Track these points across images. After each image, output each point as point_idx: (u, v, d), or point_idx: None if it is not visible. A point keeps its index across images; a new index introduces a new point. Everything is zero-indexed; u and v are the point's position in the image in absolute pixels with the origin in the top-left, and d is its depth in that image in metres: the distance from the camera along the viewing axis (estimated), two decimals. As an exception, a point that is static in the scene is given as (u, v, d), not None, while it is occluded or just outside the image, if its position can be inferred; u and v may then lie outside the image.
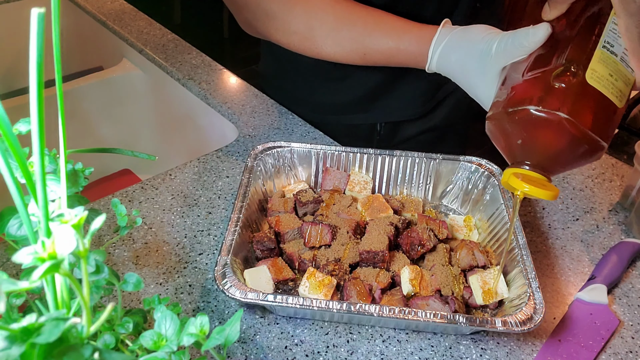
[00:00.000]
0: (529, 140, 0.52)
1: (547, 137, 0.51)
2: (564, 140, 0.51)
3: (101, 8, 1.26)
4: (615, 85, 0.52)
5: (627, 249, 0.68)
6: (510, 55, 0.57)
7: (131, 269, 0.63)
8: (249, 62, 3.22)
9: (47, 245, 0.24)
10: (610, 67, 0.52)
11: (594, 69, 0.52)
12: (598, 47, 0.52)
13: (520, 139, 0.53)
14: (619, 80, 0.52)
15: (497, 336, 0.58)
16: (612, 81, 0.52)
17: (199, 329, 0.34)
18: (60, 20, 0.26)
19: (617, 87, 0.52)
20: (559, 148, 0.52)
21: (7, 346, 0.22)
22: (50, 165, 0.41)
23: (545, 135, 0.51)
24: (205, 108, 0.99)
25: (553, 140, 0.51)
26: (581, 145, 0.51)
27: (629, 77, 0.53)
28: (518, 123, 0.52)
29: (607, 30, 0.53)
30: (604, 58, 0.52)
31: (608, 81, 0.52)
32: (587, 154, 0.52)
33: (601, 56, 0.52)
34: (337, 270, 0.62)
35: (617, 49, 0.53)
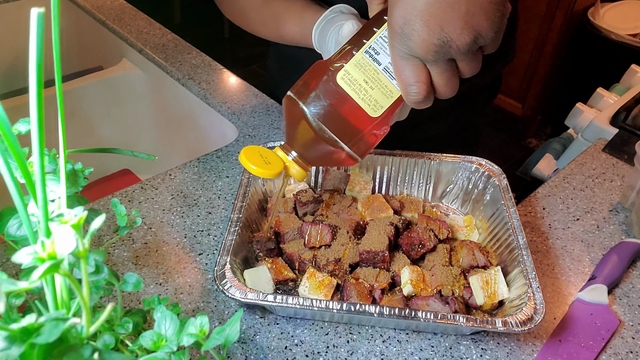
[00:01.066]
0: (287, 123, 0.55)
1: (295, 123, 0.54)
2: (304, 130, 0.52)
3: (101, 8, 1.26)
4: (369, 93, 0.52)
5: (628, 249, 0.68)
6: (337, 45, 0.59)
7: (131, 269, 0.63)
8: (249, 62, 3.22)
9: (47, 246, 0.24)
10: (368, 73, 0.52)
11: (347, 71, 0.52)
12: (360, 51, 0.52)
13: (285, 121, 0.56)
14: (375, 89, 0.52)
15: (497, 336, 0.58)
16: (365, 88, 0.52)
17: (198, 329, 0.34)
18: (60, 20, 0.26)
19: (371, 95, 0.52)
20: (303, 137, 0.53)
21: (7, 346, 0.22)
22: (50, 165, 0.41)
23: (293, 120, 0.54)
24: (205, 108, 0.99)
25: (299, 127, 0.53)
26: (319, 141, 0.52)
27: (392, 89, 0.52)
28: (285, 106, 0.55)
29: (378, 37, 0.53)
30: (362, 63, 0.52)
31: (361, 87, 0.52)
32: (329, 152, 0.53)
33: (360, 61, 0.52)
34: (337, 270, 0.62)
35: (383, 59, 0.52)
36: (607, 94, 1.31)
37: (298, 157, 0.55)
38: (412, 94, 0.50)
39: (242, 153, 0.54)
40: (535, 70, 2.48)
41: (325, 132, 0.52)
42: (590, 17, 2.30)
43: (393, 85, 0.52)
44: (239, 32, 0.87)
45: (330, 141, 0.52)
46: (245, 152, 0.54)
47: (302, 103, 0.52)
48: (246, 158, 0.53)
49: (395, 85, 0.52)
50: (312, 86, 0.52)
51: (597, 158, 0.89)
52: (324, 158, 0.55)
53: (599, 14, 2.33)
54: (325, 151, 0.53)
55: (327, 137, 0.52)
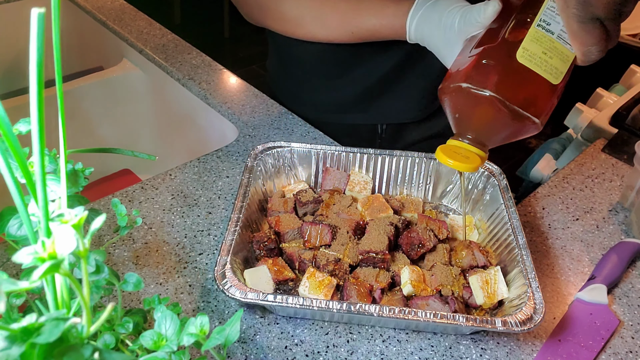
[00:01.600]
0: (464, 115, 0.56)
1: (476, 112, 0.54)
2: (492, 116, 0.53)
3: (101, 8, 1.26)
4: (549, 62, 0.53)
5: (627, 249, 0.68)
6: (467, 29, 0.59)
7: (131, 269, 0.63)
8: (249, 62, 3.23)
9: (47, 245, 0.24)
10: (545, 45, 0.53)
11: (525, 48, 0.53)
12: (532, 26, 0.54)
13: (457, 113, 0.56)
14: (554, 58, 0.53)
15: (497, 336, 0.58)
16: (545, 59, 0.53)
17: (199, 329, 0.34)
18: (60, 20, 0.26)
19: (551, 65, 0.53)
20: (491, 123, 0.54)
21: (7, 346, 0.22)
22: (50, 165, 0.41)
23: (474, 110, 0.54)
24: (205, 108, 0.99)
25: (482, 115, 0.54)
26: (512, 121, 0.53)
27: (567, 53, 0.54)
28: (454, 98, 0.55)
29: (545, 9, 0.54)
30: (538, 36, 0.53)
31: (541, 59, 0.53)
32: (520, 129, 0.54)
33: (535, 35, 0.53)
34: (337, 270, 0.62)
35: (554, 27, 0.54)
36: (606, 94, 1.31)
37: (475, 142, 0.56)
38: (594, 53, 0.52)
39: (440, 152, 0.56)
40: (535, 70, 2.48)
41: (518, 113, 0.52)
42: (590, 17, 2.30)
43: (567, 50, 0.54)
44: (239, 32, 0.87)
45: (521, 118, 0.53)
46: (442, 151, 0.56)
47: (489, 91, 0.52)
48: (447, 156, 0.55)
49: (569, 48, 0.54)
50: (492, 72, 0.53)
51: (596, 158, 0.89)
52: (508, 135, 0.56)
53: (599, 14, 2.33)
54: (512, 128, 0.54)
55: (517, 114, 0.53)
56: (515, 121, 0.53)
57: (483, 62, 0.54)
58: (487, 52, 0.55)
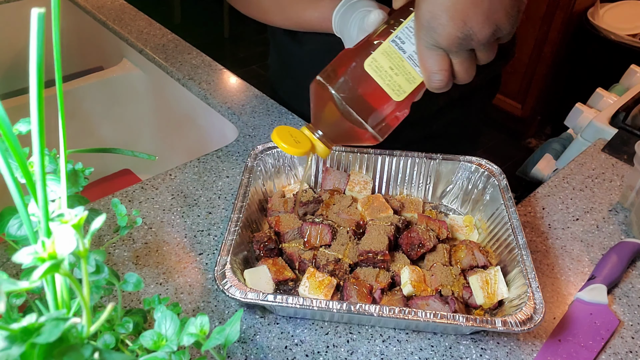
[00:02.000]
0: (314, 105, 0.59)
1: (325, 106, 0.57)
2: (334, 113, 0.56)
3: (101, 8, 1.26)
4: (393, 79, 0.56)
5: (627, 249, 0.68)
6: (359, 34, 0.63)
7: (131, 269, 0.63)
8: (249, 62, 3.22)
9: (47, 245, 0.24)
10: (393, 61, 0.56)
11: (374, 58, 0.55)
12: (387, 40, 0.56)
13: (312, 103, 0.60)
14: (399, 75, 0.56)
15: (497, 336, 0.58)
16: (391, 74, 0.55)
17: (199, 329, 0.34)
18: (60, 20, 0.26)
19: (395, 81, 0.56)
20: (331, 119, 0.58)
21: (7, 346, 0.22)
22: (50, 165, 0.41)
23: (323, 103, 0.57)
24: (205, 108, 0.99)
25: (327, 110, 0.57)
26: (348, 122, 0.56)
27: (415, 75, 0.56)
28: (312, 88, 0.58)
29: (403, 27, 0.56)
30: (389, 51, 0.56)
31: (386, 73, 0.55)
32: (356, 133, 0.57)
33: (387, 49, 0.56)
34: (337, 270, 0.62)
35: (407, 47, 0.56)
36: (606, 94, 1.31)
37: (323, 136, 0.59)
38: (435, 81, 0.54)
39: (274, 132, 0.59)
40: (535, 70, 2.48)
41: (352, 115, 0.56)
42: (590, 17, 2.30)
43: (416, 72, 0.56)
44: (239, 32, 0.88)
45: (355, 122, 0.56)
46: (277, 132, 0.59)
47: (331, 87, 0.55)
48: (278, 137, 0.58)
49: (418, 71, 0.56)
50: (340, 72, 0.56)
51: (596, 158, 0.89)
52: (347, 137, 0.59)
53: (599, 14, 2.33)
54: (350, 131, 0.57)
55: (353, 118, 0.56)
56: (353, 125, 0.56)
57: (337, 62, 0.57)
58: (344, 54, 0.58)
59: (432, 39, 0.51)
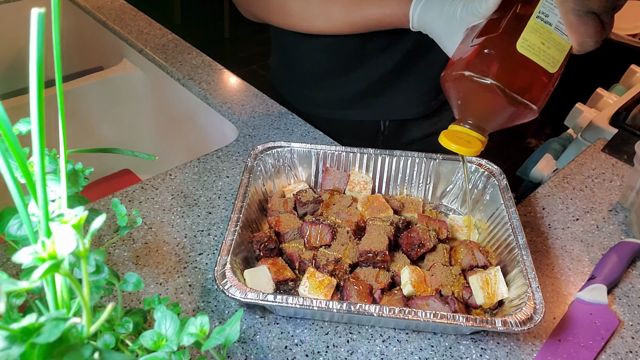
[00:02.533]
0: (466, 101, 0.58)
1: (477, 98, 0.57)
2: (492, 102, 0.56)
3: (101, 8, 1.26)
4: (546, 52, 0.56)
5: (627, 249, 0.68)
6: (469, 19, 0.61)
7: (131, 269, 0.63)
8: (249, 62, 3.22)
9: (47, 245, 0.24)
10: (543, 36, 0.56)
11: (525, 38, 0.56)
12: (532, 17, 0.57)
13: (460, 100, 0.59)
14: (551, 48, 0.56)
15: (497, 336, 0.58)
16: (543, 49, 0.56)
17: (199, 329, 0.34)
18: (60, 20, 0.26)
19: (549, 54, 0.56)
20: (491, 109, 0.57)
21: (7, 346, 0.22)
22: (50, 165, 0.41)
23: (477, 97, 0.57)
24: (205, 108, 0.99)
25: (484, 102, 0.57)
26: (510, 108, 0.56)
27: (564, 44, 0.57)
28: (457, 85, 0.58)
29: (544, 1, 0.57)
30: (537, 28, 0.56)
31: (539, 49, 0.56)
32: (518, 115, 0.57)
33: (534, 26, 0.56)
34: (337, 270, 0.62)
35: (552, 19, 0.57)
36: (606, 94, 1.31)
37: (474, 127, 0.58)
38: (590, 44, 0.55)
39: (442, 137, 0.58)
40: (535, 70, 2.48)
41: (517, 99, 0.55)
42: (590, 17, 2.30)
43: (564, 40, 0.57)
44: (239, 32, 0.86)
45: (519, 104, 0.56)
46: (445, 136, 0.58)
47: (488, 79, 0.55)
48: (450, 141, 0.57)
49: (566, 39, 0.57)
50: (493, 61, 0.56)
51: (596, 158, 0.89)
52: (507, 120, 0.59)
53: (599, 14, 2.33)
54: (511, 114, 0.57)
55: (515, 101, 0.55)
56: (514, 107, 0.56)
57: (485, 52, 0.56)
58: (489, 41, 0.57)
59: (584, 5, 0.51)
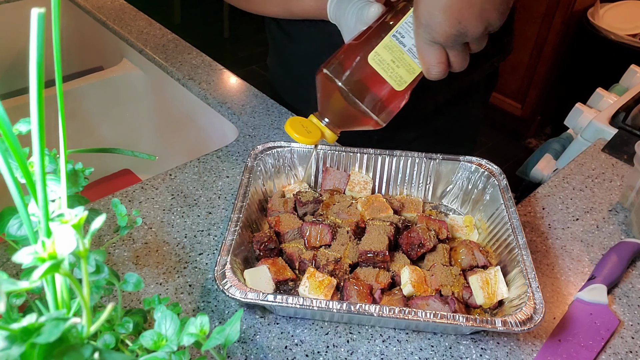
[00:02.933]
0: (322, 96, 0.63)
1: (331, 95, 0.62)
2: (340, 102, 0.61)
3: (101, 8, 1.26)
4: (395, 70, 0.60)
5: (627, 249, 0.68)
6: (357, 25, 0.67)
7: (131, 269, 0.63)
8: (249, 62, 3.22)
9: (47, 245, 0.24)
10: (395, 54, 0.60)
11: (377, 52, 0.60)
12: (388, 35, 0.61)
13: (318, 93, 0.64)
14: (401, 67, 0.61)
15: (497, 336, 0.58)
16: (393, 67, 0.60)
17: (199, 328, 0.34)
18: (60, 20, 0.26)
19: (397, 73, 0.61)
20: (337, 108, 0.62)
21: (7, 346, 0.22)
22: (50, 165, 0.41)
23: (330, 94, 0.62)
24: (205, 108, 0.99)
25: (334, 100, 0.62)
26: (354, 112, 0.61)
27: (415, 67, 0.61)
28: (318, 79, 0.62)
29: (403, 23, 0.61)
30: (390, 45, 0.60)
31: (389, 66, 0.60)
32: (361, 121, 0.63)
33: (389, 43, 0.60)
34: (337, 270, 0.62)
35: (407, 41, 0.60)
36: (606, 94, 1.31)
37: (330, 123, 0.64)
38: (434, 72, 0.60)
39: (287, 123, 0.63)
40: (534, 70, 2.48)
41: (358, 104, 0.61)
42: (590, 17, 2.30)
43: (415, 63, 0.61)
44: (239, 32, 0.88)
45: (361, 110, 0.61)
46: (290, 123, 0.63)
47: (337, 80, 0.60)
48: (291, 128, 0.62)
49: (417, 63, 0.61)
50: (346, 65, 0.61)
51: (596, 158, 0.89)
52: (353, 123, 0.64)
53: (599, 14, 2.33)
54: (356, 118, 0.63)
55: (359, 107, 0.61)
56: (358, 113, 0.61)
57: (342, 56, 0.62)
58: (348, 47, 0.62)
59: (430, 35, 0.56)
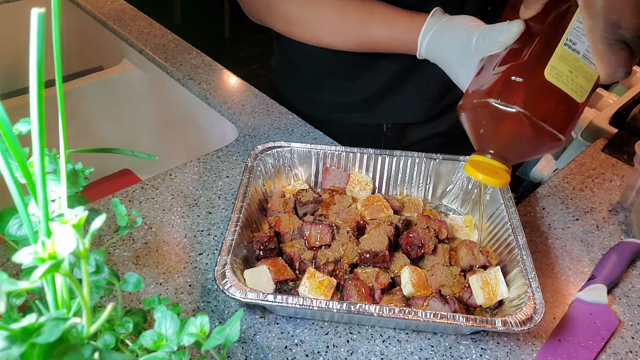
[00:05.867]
0: (489, 131, 0.55)
1: (504, 128, 0.54)
2: (520, 132, 0.53)
3: (101, 8, 1.26)
4: (574, 81, 0.54)
5: (627, 249, 0.68)
6: (487, 48, 0.59)
7: (131, 269, 0.63)
8: (249, 62, 3.22)
9: (47, 245, 0.24)
10: (571, 64, 0.54)
11: (553, 66, 0.54)
12: (559, 45, 0.55)
13: (482, 129, 0.56)
14: (579, 77, 0.54)
15: (497, 336, 0.58)
16: (571, 77, 0.54)
17: (199, 328, 0.34)
18: (60, 20, 0.26)
19: (577, 83, 0.54)
20: (516, 139, 0.54)
21: (7, 346, 0.22)
22: (50, 165, 0.41)
23: (502, 126, 0.54)
24: (205, 108, 0.99)
25: (509, 131, 0.54)
26: (537, 137, 0.53)
27: (592, 73, 0.55)
28: (480, 114, 0.55)
29: (571, 29, 0.55)
30: (564, 55, 0.54)
31: (567, 77, 0.54)
32: (543, 145, 0.55)
33: (562, 53, 0.54)
34: (337, 270, 0.62)
35: (580, 47, 0.55)
36: (606, 94, 1.31)
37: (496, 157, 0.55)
38: (619, 75, 0.54)
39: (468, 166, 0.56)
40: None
41: (544, 129, 0.53)
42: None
43: (592, 69, 0.55)
44: (239, 32, 0.86)
45: (545, 134, 0.53)
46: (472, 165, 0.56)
47: (517, 107, 0.52)
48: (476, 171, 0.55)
49: (593, 68, 0.55)
50: (520, 89, 0.53)
51: (596, 158, 0.89)
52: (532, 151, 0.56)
53: (599, 14, 2.33)
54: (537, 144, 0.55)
55: (544, 131, 0.53)
56: (539, 137, 0.53)
57: (512, 79, 0.54)
58: (514, 68, 0.55)
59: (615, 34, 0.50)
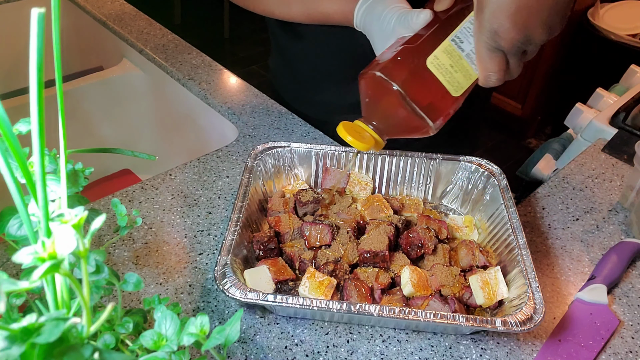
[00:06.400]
0: (372, 101, 0.61)
1: (383, 102, 0.60)
2: (393, 107, 0.59)
3: (101, 8, 1.26)
4: (453, 75, 0.59)
5: (627, 249, 0.68)
6: (400, 30, 0.65)
7: (131, 269, 0.63)
8: (249, 62, 3.23)
9: (47, 245, 0.24)
10: (453, 59, 0.59)
11: (436, 56, 0.58)
12: (447, 39, 0.59)
13: (367, 98, 0.61)
14: (458, 72, 0.59)
15: (497, 336, 0.58)
16: (451, 71, 0.59)
17: (199, 328, 0.34)
18: (60, 20, 0.26)
19: (455, 78, 0.59)
20: (391, 114, 0.60)
21: (7, 346, 0.22)
22: (50, 165, 0.41)
23: (382, 100, 0.59)
24: (205, 108, 0.99)
25: (386, 105, 0.59)
26: (408, 117, 0.59)
27: (471, 73, 0.60)
28: (369, 83, 0.60)
29: (462, 28, 0.59)
30: (449, 50, 0.59)
31: (447, 70, 0.59)
32: (414, 126, 0.60)
33: (447, 47, 0.59)
34: (337, 270, 0.62)
35: (466, 46, 0.59)
36: (606, 94, 1.31)
37: (376, 129, 0.61)
38: (493, 79, 0.59)
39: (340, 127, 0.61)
40: (535, 70, 2.48)
41: (414, 109, 0.58)
42: (590, 17, 2.30)
43: (472, 69, 0.60)
44: (239, 32, 0.86)
45: (416, 115, 0.58)
46: (343, 126, 0.61)
47: (394, 83, 0.57)
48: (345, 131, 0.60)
49: (474, 69, 0.60)
50: (403, 68, 0.58)
51: (596, 158, 0.89)
52: (403, 129, 0.61)
53: (599, 14, 2.33)
54: (407, 124, 0.60)
55: (414, 112, 0.58)
56: (410, 117, 0.59)
57: (398, 59, 0.59)
58: (404, 51, 0.60)
59: (494, 42, 0.54)
